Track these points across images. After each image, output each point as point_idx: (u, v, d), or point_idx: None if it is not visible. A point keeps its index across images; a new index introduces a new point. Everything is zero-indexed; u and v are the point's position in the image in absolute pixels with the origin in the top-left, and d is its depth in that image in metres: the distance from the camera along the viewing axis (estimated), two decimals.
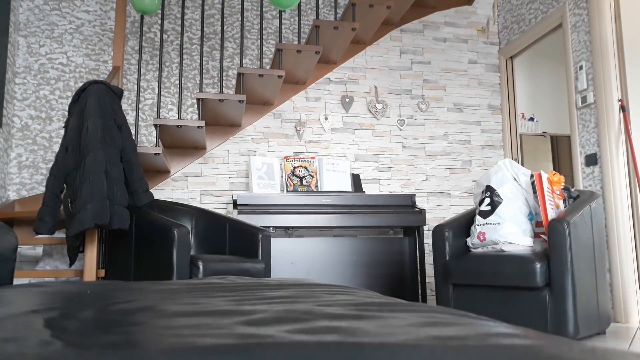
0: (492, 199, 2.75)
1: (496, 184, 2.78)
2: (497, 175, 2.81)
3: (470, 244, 2.83)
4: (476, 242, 2.77)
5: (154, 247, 2.51)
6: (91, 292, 0.96)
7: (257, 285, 1.08)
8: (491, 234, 2.70)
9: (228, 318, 0.59)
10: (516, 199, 2.72)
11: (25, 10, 3.92)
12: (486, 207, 2.76)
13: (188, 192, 3.87)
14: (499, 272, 2.49)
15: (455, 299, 2.70)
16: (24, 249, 3.61)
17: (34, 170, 3.74)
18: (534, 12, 4.09)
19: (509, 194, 2.73)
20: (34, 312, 0.67)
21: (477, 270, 2.58)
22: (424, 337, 0.47)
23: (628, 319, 3.05)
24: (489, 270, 2.54)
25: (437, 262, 2.77)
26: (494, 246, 2.70)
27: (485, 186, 2.83)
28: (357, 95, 4.30)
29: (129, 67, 4.06)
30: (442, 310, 0.69)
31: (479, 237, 2.75)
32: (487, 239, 2.71)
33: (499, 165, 2.85)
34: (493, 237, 2.68)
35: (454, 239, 2.81)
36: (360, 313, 0.64)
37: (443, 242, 2.77)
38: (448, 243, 2.77)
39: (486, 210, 2.75)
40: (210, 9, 4.30)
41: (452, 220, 2.88)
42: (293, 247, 3.47)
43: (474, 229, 2.81)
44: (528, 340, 0.46)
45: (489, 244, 2.72)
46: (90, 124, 2.53)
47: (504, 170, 2.81)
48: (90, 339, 0.48)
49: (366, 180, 4.18)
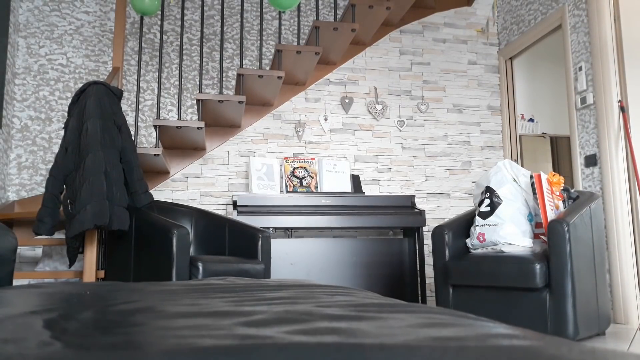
0: (492, 200, 2.76)
1: (496, 184, 2.78)
2: (496, 176, 2.81)
3: (470, 244, 2.83)
4: (476, 243, 2.78)
5: (153, 248, 2.51)
6: (91, 293, 0.96)
7: (256, 286, 1.08)
8: (491, 234, 2.70)
9: (228, 319, 0.59)
10: (516, 200, 2.72)
11: (25, 11, 3.92)
12: (486, 208, 2.76)
13: (188, 193, 3.87)
14: (499, 273, 2.49)
15: (454, 299, 2.70)
16: (24, 250, 3.61)
17: (34, 171, 3.74)
18: (534, 13, 4.09)
19: (508, 195, 2.74)
20: (34, 313, 0.67)
21: (477, 271, 2.58)
22: (423, 338, 0.48)
23: (628, 320, 3.05)
24: (488, 271, 2.54)
25: (437, 263, 2.77)
26: (493, 247, 2.70)
27: (484, 187, 2.83)
28: (356, 96, 4.30)
29: (129, 68, 4.06)
30: (441, 312, 0.69)
31: (478, 238, 2.75)
32: (486, 239, 2.71)
33: (498, 166, 2.85)
34: (493, 238, 2.69)
35: (454, 239, 2.80)
36: (359, 314, 0.64)
37: (443, 243, 2.77)
38: (448, 244, 2.77)
39: (486, 211, 2.75)
40: (210, 9, 4.30)
41: (451, 221, 2.88)
42: (293, 248, 3.47)
43: (473, 230, 2.81)
44: (527, 342, 0.46)
45: (488, 245, 2.72)
46: (90, 124, 2.53)
47: (503, 171, 2.81)
48: (89, 339, 0.48)
49: (366, 181, 4.18)
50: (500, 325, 0.59)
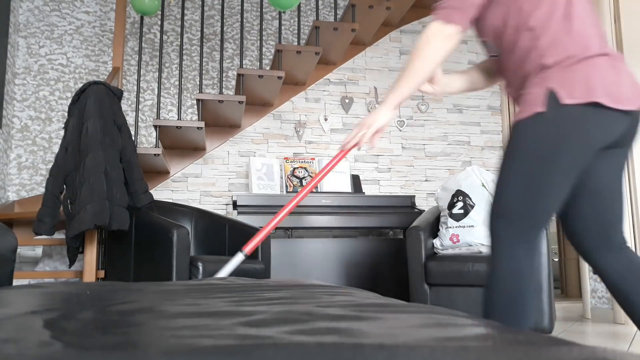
0: (465, 203, 2.91)
1: (467, 189, 2.93)
2: (467, 180, 2.95)
3: (438, 245, 2.94)
4: (447, 244, 2.89)
5: (153, 248, 2.51)
6: (91, 293, 0.96)
7: (256, 286, 1.08)
8: (465, 236, 2.85)
9: (228, 319, 0.59)
10: (486, 204, 2.86)
11: (25, 11, 3.92)
12: (459, 211, 2.90)
13: (188, 193, 3.87)
14: (481, 272, 2.63)
15: (432, 299, 2.78)
16: (24, 250, 3.61)
17: (34, 171, 3.74)
18: None
19: (479, 199, 2.88)
20: (34, 312, 0.67)
21: (459, 270, 2.70)
22: (423, 338, 0.48)
23: (628, 320, 3.05)
24: (473, 270, 2.68)
25: (413, 263, 2.82)
26: (468, 247, 2.85)
27: (455, 190, 2.96)
28: (356, 96, 4.30)
29: (129, 68, 4.06)
30: (441, 312, 0.69)
31: (452, 239, 2.88)
32: (461, 240, 2.86)
33: (467, 171, 3.01)
34: (467, 239, 2.84)
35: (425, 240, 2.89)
36: (359, 314, 0.64)
37: (420, 244, 2.84)
38: (424, 244, 2.86)
39: (459, 213, 2.90)
40: (210, 9, 4.30)
41: (422, 222, 2.96)
42: (293, 248, 3.47)
43: (444, 231, 2.93)
44: (527, 342, 0.46)
45: (462, 246, 2.87)
46: (90, 125, 2.53)
47: (473, 177, 2.96)
48: (89, 339, 0.48)
49: (366, 181, 4.18)
50: (500, 326, 0.59)
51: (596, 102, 1.24)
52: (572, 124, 1.25)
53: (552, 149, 1.27)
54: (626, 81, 1.29)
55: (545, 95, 1.28)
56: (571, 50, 1.29)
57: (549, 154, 1.28)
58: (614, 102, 1.24)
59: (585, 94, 1.24)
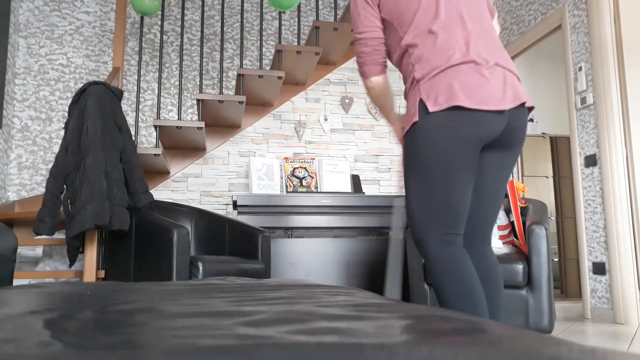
0: None
1: None
2: None
3: None
4: None
5: (153, 248, 2.51)
6: (91, 292, 0.96)
7: (256, 286, 1.08)
8: None
9: (228, 319, 0.59)
10: None
11: (25, 11, 3.92)
12: None
13: (188, 193, 3.87)
14: None
15: (432, 298, 2.77)
16: (24, 250, 3.61)
17: (34, 171, 3.74)
18: (534, 14, 4.09)
19: None
20: (34, 312, 0.67)
21: None
22: (423, 338, 0.48)
23: (627, 320, 3.05)
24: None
25: (413, 263, 2.82)
26: None
27: None
28: (356, 96, 4.30)
29: (129, 68, 4.06)
30: (441, 312, 0.70)
31: None
32: None
33: None
34: None
35: None
36: (359, 314, 0.64)
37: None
38: None
39: None
40: (210, 10, 4.30)
41: None
42: (293, 248, 3.47)
43: None
44: (527, 341, 0.46)
45: None
46: (90, 125, 2.53)
47: None
48: (90, 339, 0.48)
49: (366, 181, 4.18)
50: (500, 326, 0.59)
51: (458, 105, 1.34)
52: (439, 128, 1.37)
53: (429, 154, 1.39)
54: (496, 83, 1.38)
55: (417, 106, 1.40)
56: (435, 62, 1.40)
57: (428, 158, 1.40)
58: (475, 103, 1.34)
59: (447, 100, 1.35)
